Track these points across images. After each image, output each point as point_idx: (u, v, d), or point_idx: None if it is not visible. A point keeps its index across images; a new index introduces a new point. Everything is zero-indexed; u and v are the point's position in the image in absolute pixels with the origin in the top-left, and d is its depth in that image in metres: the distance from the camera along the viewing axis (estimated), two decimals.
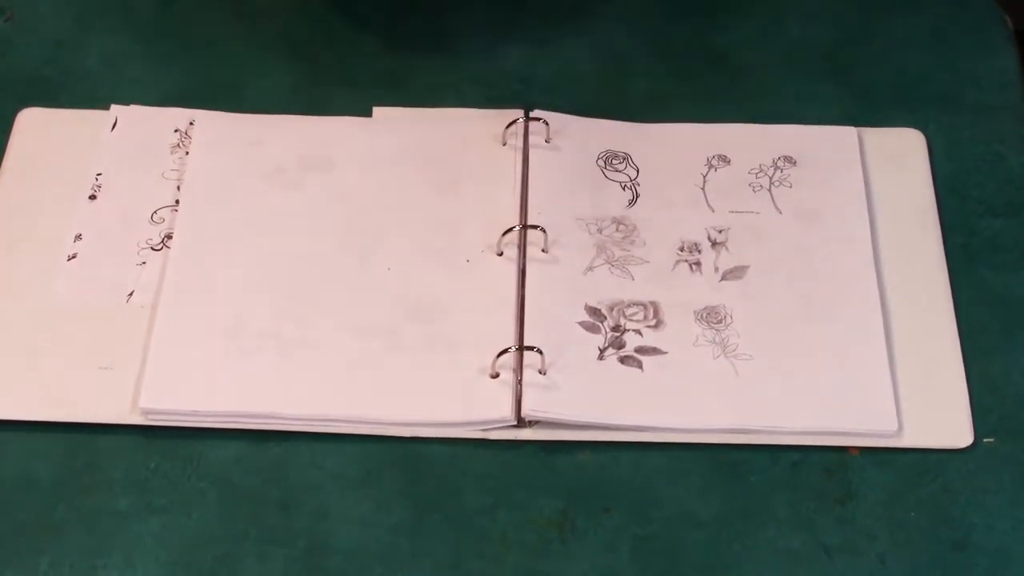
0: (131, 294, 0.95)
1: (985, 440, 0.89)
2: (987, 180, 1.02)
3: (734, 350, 0.92)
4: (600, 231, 0.98)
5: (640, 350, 0.92)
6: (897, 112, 1.05)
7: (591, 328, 0.93)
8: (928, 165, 1.02)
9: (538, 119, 1.02)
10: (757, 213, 0.99)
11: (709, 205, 1.00)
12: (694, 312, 0.94)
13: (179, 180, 1.00)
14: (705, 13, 1.12)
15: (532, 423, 0.89)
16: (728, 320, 0.94)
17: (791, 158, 1.02)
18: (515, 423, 0.89)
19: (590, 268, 0.96)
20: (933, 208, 1.00)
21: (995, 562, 0.85)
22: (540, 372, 0.90)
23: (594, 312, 0.94)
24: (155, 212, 0.99)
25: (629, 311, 0.94)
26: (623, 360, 0.92)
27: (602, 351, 0.92)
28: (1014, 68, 1.09)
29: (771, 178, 1.01)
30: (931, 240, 0.98)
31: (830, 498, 0.87)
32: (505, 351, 0.90)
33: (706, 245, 0.97)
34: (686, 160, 1.02)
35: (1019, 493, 0.87)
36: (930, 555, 0.85)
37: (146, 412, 0.89)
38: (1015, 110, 1.06)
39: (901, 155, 1.03)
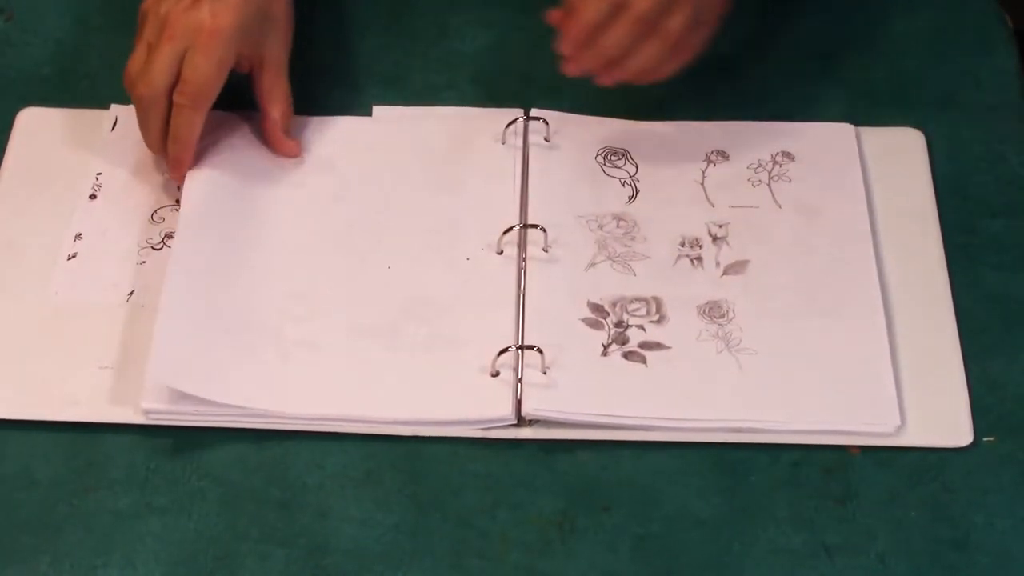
0: (131, 294, 0.95)
1: (985, 439, 0.89)
2: (987, 180, 1.02)
3: (737, 344, 0.92)
4: (601, 228, 0.98)
5: (644, 345, 0.92)
6: (897, 112, 1.05)
7: (594, 325, 0.93)
8: (928, 165, 1.02)
9: (538, 118, 1.02)
10: (757, 208, 0.99)
11: (709, 200, 1.00)
12: (696, 307, 0.94)
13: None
14: None
15: (532, 422, 0.89)
16: (731, 315, 0.94)
17: (789, 153, 1.02)
18: (515, 422, 0.89)
19: (592, 265, 0.96)
20: (933, 208, 1.00)
21: (995, 562, 0.85)
22: (541, 371, 0.90)
23: (597, 309, 0.94)
24: (155, 212, 0.99)
25: (632, 307, 0.94)
26: (627, 356, 0.92)
27: (606, 347, 0.92)
28: (1014, 68, 1.09)
29: (770, 173, 1.01)
30: (931, 240, 0.98)
31: (830, 498, 0.87)
32: (505, 350, 0.90)
33: (707, 240, 0.97)
34: (685, 156, 1.02)
35: (1019, 493, 0.87)
36: (930, 555, 0.85)
37: (147, 412, 0.89)
38: (1015, 110, 1.06)
39: (901, 155, 1.03)
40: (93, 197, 1.00)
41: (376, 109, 1.05)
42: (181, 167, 0.97)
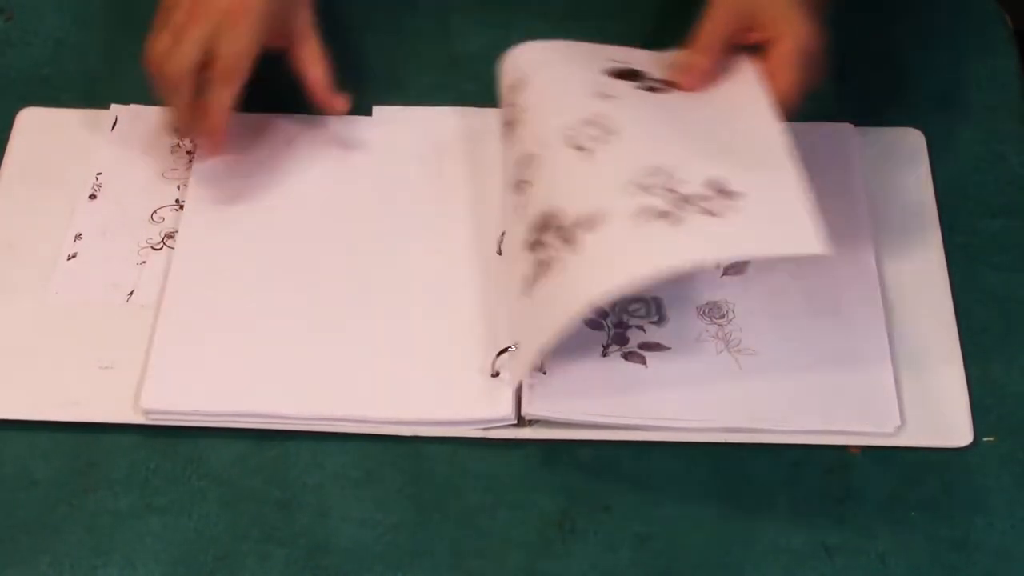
0: (131, 294, 0.95)
1: (985, 439, 0.89)
2: (987, 180, 1.02)
3: (737, 345, 0.92)
4: None
5: (643, 346, 0.92)
6: (897, 112, 1.05)
7: (594, 325, 0.93)
8: (928, 165, 1.02)
9: None
10: None
11: None
12: (696, 308, 0.94)
13: (179, 180, 1.00)
14: None
15: (532, 422, 0.89)
16: (731, 315, 0.94)
17: None
18: (515, 422, 0.89)
19: None
20: (933, 208, 1.00)
21: (995, 562, 0.85)
22: (541, 371, 0.90)
23: (596, 309, 0.94)
24: (155, 212, 0.99)
25: (632, 307, 0.94)
26: (627, 356, 0.91)
27: (605, 348, 0.92)
28: (1014, 68, 1.09)
29: None
30: (931, 240, 0.98)
31: (830, 498, 0.87)
32: (505, 350, 0.90)
33: None
34: None
35: (1019, 493, 0.87)
36: (930, 555, 0.85)
37: (147, 412, 0.89)
38: (1015, 110, 1.06)
39: (901, 154, 1.03)
40: (93, 197, 1.00)
41: (376, 109, 1.05)
42: (216, 144, 0.97)
